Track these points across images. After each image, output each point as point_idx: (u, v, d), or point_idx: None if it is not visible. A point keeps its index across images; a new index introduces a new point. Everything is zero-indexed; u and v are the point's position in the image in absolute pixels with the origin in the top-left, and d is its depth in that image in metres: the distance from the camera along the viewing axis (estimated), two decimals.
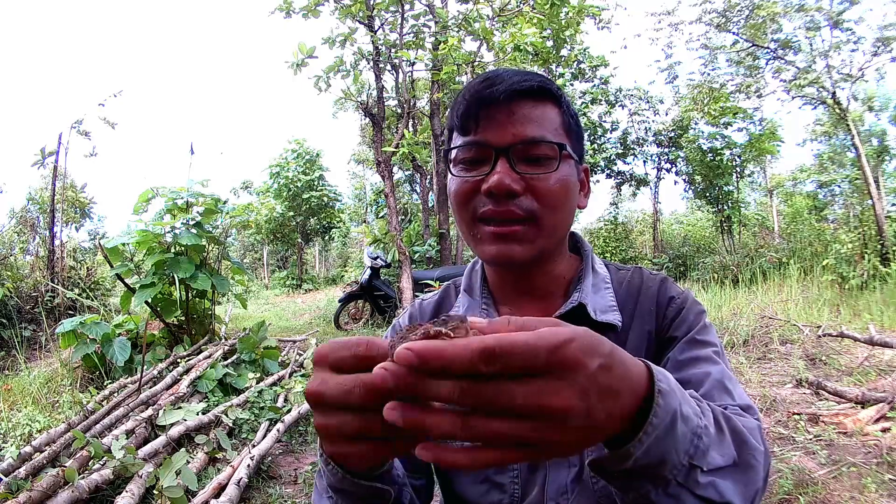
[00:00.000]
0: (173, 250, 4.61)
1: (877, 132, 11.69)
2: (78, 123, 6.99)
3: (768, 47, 9.39)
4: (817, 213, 11.96)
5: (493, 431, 0.33)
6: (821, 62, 8.94)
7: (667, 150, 12.68)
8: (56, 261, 6.26)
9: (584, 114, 12.25)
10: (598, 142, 12.70)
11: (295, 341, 5.64)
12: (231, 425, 3.15)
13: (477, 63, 6.95)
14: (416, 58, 7.13)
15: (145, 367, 3.72)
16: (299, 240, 16.10)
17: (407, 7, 6.76)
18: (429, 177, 9.36)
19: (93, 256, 8.29)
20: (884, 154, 11.54)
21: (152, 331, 4.69)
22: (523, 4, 7.21)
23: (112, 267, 4.65)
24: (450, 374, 0.32)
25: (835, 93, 8.77)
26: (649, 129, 12.77)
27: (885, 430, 2.75)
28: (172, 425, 2.80)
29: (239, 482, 2.36)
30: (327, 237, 17.85)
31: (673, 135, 12.45)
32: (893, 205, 10.89)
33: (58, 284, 5.95)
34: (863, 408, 3.02)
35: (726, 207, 12.01)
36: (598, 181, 12.74)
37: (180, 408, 3.05)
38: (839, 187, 12.65)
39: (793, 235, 10.10)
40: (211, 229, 4.96)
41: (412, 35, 6.95)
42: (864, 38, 8.66)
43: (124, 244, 4.78)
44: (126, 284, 4.73)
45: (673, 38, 10.38)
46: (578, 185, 0.75)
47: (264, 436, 3.00)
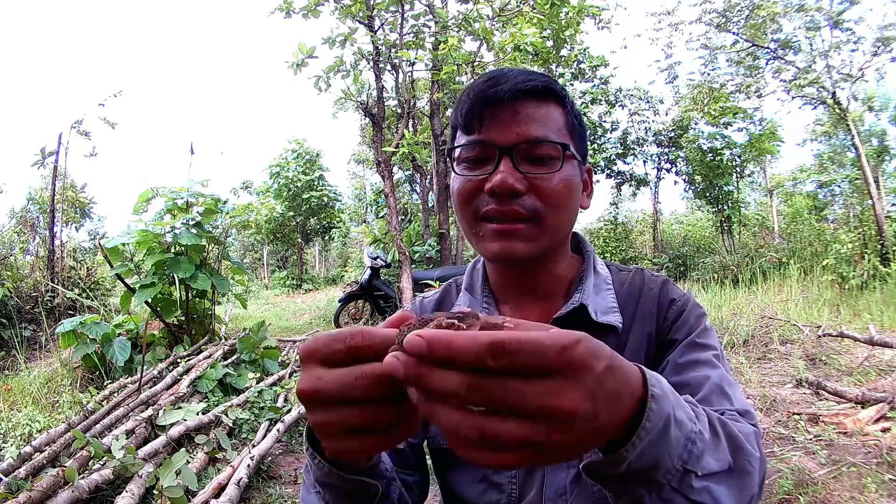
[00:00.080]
0: (173, 250, 4.61)
1: (877, 132, 11.69)
2: (78, 123, 6.99)
3: (768, 47, 9.39)
4: (817, 213, 11.95)
5: (497, 431, 0.32)
6: (821, 62, 8.95)
7: (667, 150, 12.68)
8: (56, 261, 6.26)
9: (585, 114, 12.21)
10: (598, 142, 12.69)
11: (295, 341, 5.64)
12: (231, 425, 3.14)
13: (477, 63, 6.95)
14: (416, 58, 7.13)
15: (145, 367, 3.72)
16: (299, 240, 16.09)
17: (407, 7, 6.76)
18: (429, 177, 9.35)
19: (93, 256, 8.28)
20: (884, 154, 11.54)
21: (152, 331, 4.69)
22: (523, 4, 7.21)
23: (112, 267, 4.65)
24: (457, 365, 0.32)
25: (835, 93, 8.77)
26: (649, 129, 12.77)
27: (885, 430, 2.75)
28: (172, 425, 2.80)
29: (239, 482, 2.36)
30: (327, 237, 17.85)
31: (673, 135, 12.44)
32: (893, 205, 10.88)
33: (58, 284, 5.95)
34: (863, 408, 3.02)
35: (726, 207, 12.01)
36: (598, 181, 12.73)
37: (180, 408, 3.05)
38: (839, 187, 12.64)
39: (793, 235, 10.09)
40: (211, 229, 4.96)
41: (412, 35, 6.95)
42: (864, 38, 8.67)
43: (124, 244, 4.78)
44: (126, 284, 4.73)
45: (673, 38, 10.39)
46: (581, 186, 0.74)
47: (264, 436, 3.00)
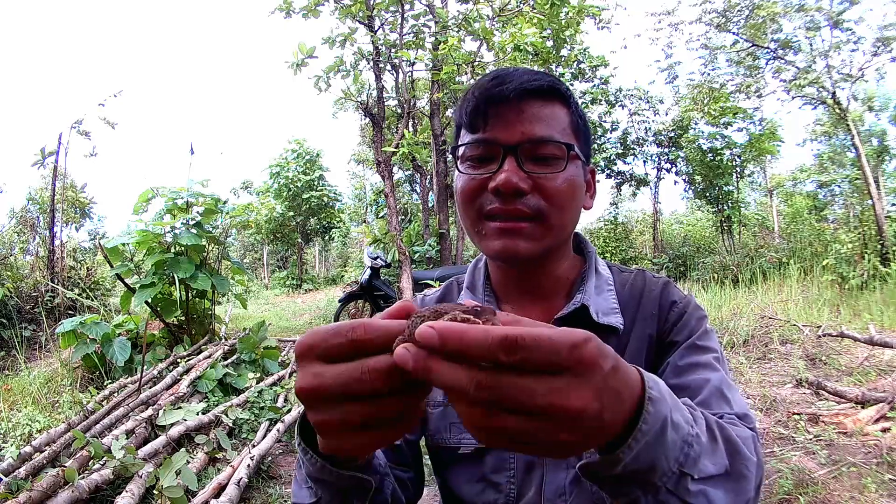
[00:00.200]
0: (173, 250, 4.61)
1: (877, 132, 11.68)
2: (78, 123, 6.99)
3: (768, 47, 9.38)
4: (817, 213, 11.95)
5: (504, 424, 0.33)
6: (821, 62, 8.94)
7: (667, 150, 12.67)
8: (56, 261, 6.25)
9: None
10: (598, 142, 12.69)
11: (295, 341, 5.64)
12: (231, 425, 3.14)
13: (477, 63, 6.95)
14: (416, 58, 7.13)
15: (145, 367, 3.72)
16: (299, 240, 16.09)
17: (407, 7, 6.76)
18: (429, 177, 9.35)
19: (93, 256, 8.27)
20: (884, 154, 11.53)
21: (152, 331, 4.69)
22: (523, 4, 7.21)
23: (112, 267, 4.65)
24: (469, 359, 0.32)
25: (835, 93, 8.77)
26: (649, 129, 12.77)
27: (885, 430, 2.75)
28: (172, 425, 2.80)
29: (239, 482, 2.35)
30: (327, 237, 17.84)
31: (673, 135, 12.44)
32: (893, 205, 10.88)
33: (58, 284, 5.94)
34: (863, 408, 3.02)
35: (726, 207, 12.01)
36: (598, 181, 12.68)
37: (180, 408, 3.05)
38: (839, 187, 12.64)
39: (793, 235, 10.09)
40: (211, 229, 4.96)
41: (412, 35, 6.95)
42: (864, 38, 8.67)
43: (124, 244, 4.78)
44: (126, 284, 4.73)
45: (673, 38, 10.39)
46: (585, 186, 0.74)
47: (264, 436, 3.00)
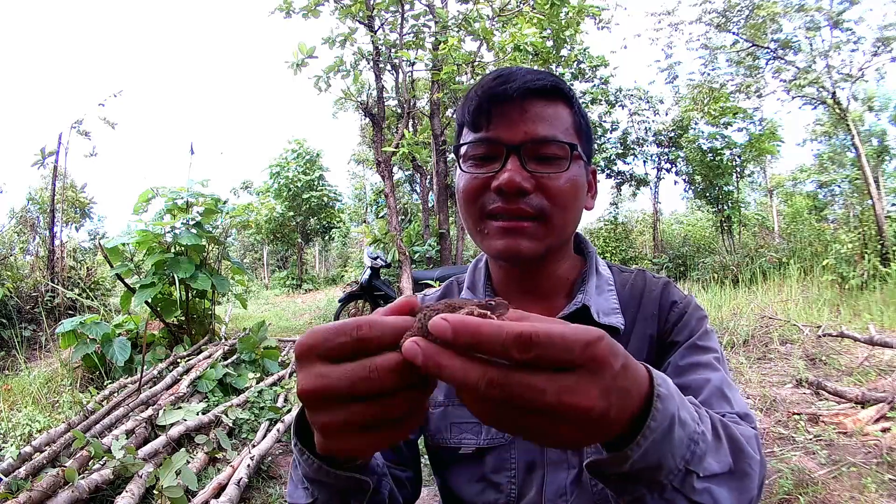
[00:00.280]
0: (173, 250, 4.61)
1: (877, 132, 11.68)
2: (78, 123, 6.99)
3: (768, 47, 9.38)
4: (817, 213, 11.95)
5: (511, 417, 0.33)
6: (821, 62, 8.94)
7: (667, 150, 12.67)
8: (56, 261, 6.25)
9: None
10: (598, 142, 12.70)
11: (295, 341, 5.63)
12: (231, 425, 3.15)
13: (477, 63, 6.95)
14: (416, 58, 7.13)
15: (145, 367, 3.72)
16: (299, 240, 16.09)
17: (407, 7, 6.76)
18: (429, 177, 9.35)
19: (93, 256, 8.27)
20: (884, 154, 11.53)
21: (152, 331, 4.69)
22: (523, 4, 7.21)
23: (112, 267, 4.65)
24: (481, 354, 0.31)
25: (835, 93, 8.77)
26: (649, 129, 12.76)
27: (885, 430, 2.75)
28: (172, 425, 2.80)
29: (239, 482, 2.36)
30: (327, 237, 17.84)
31: (673, 135, 12.44)
32: (893, 205, 10.88)
33: (58, 284, 5.94)
34: (863, 408, 3.02)
35: (726, 207, 12.00)
36: (598, 181, 12.70)
37: (180, 408, 3.05)
38: (839, 187, 12.64)
39: (793, 235, 10.09)
40: (211, 229, 4.96)
41: (412, 35, 6.95)
42: (864, 38, 8.67)
43: (124, 244, 4.78)
44: (126, 284, 4.73)
45: (673, 38, 10.39)
46: (586, 186, 0.75)
47: (264, 436, 3.00)
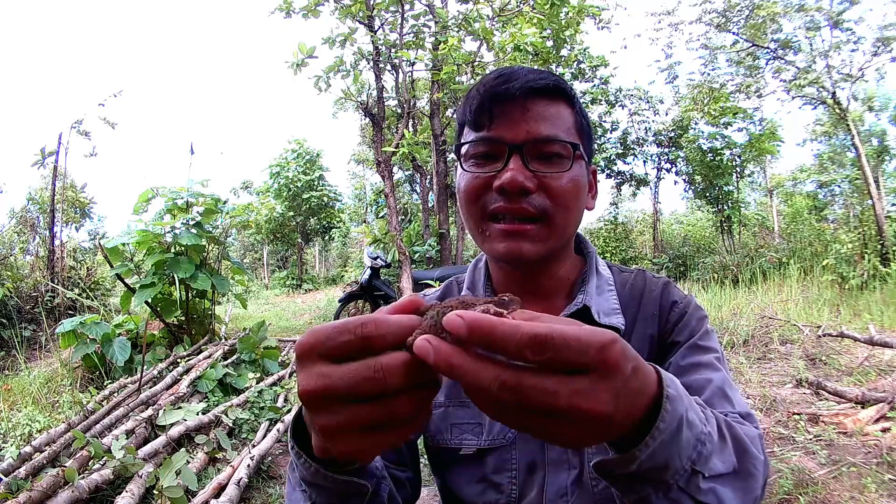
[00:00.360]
0: (173, 250, 4.61)
1: (877, 132, 11.68)
2: (78, 123, 6.99)
3: (768, 47, 9.38)
4: (817, 213, 11.95)
5: (518, 422, 0.32)
6: (821, 62, 8.94)
7: (667, 150, 12.67)
8: (56, 261, 6.25)
9: None
10: (598, 142, 12.70)
11: (295, 341, 5.64)
12: (231, 425, 3.14)
13: (477, 63, 6.95)
14: (416, 58, 7.14)
15: (145, 367, 3.72)
16: (299, 240, 16.09)
17: (407, 7, 6.76)
18: (429, 177, 9.35)
19: (93, 256, 8.27)
20: (884, 154, 11.53)
21: (152, 331, 4.69)
22: (523, 4, 7.21)
23: (112, 267, 4.65)
24: (493, 352, 0.31)
25: (835, 93, 8.77)
26: (649, 129, 12.77)
27: (885, 430, 2.75)
28: (172, 425, 2.80)
29: (239, 482, 2.36)
30: (327, 237, 17.85)
31: (673, 135, 12.44)
32: (893, 205, 10.88)
33: (58, 284, 5.94)
34: (863, 408, 3.02)
35: (726, 207, 12.01)
36: (598, 181, 12.72)
37: (180, 408, 3.05)
38: (839, 187, 12.64)
39: (793, 235, 10.10)
40: (211, 229, 4.96)
41: (412, 35, 6.96)
42: (864, 38, 8.67)
43: (124, 244, 4.78)
44: (126, 284, 4.73)
45: (673, 38, 10.39)
46: (588, 186, 0.74)
47: (264, 436, 3.00)
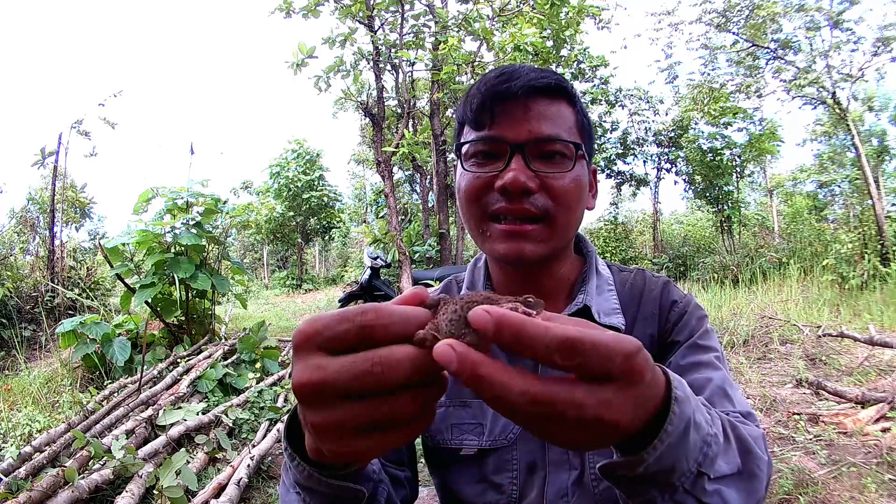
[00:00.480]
0: (173, 250, 4.61)
1: (877, 132, 11.68)
2: (78, 123, 6.99)
3: (768, 47, 9.39)
4: (817, 213, 11.96)
5: (538, 430, 0.32)
6: (821, 62, 8.95)
7: (667, 150, 12.68)
8: (56, 261, 6.25)
9: None
10: (598, 142, 12.70)
11: None
12: (231, 425, 3.14)
13: (477, 63, 6.95)
14: (416, 58, 7.14)
15: (145, 367, 3.72)
16: (299, 240, 16.10)
17: (407, 7, 6.76)
18: (429, 177, 9.36)
19: (93, 256, 8.27)
20: (884, 154, 11.53)
21: (152, 331, 4.69)
22: (523, 4, 7.21)
23: (112, 267, 4.65)
24: (518, 352, 0.30)
25: (835, 93, 8.77)
26: (649, 129, 12.78)
27: (885, 430, 2.75)
28: (172, 425, 2.80)
29: (239, 482, 2.36)
30: (327, 237, 17.86)
31: (673, 135, 12.45)
32: (893, 205, 10.87)
33: (58, 284, 5.94)
34: (863, 408, 3.02)
35: (726, 207, 12.01)
36: (598, 181, 12.74)
37: (180, 408, 3.05)
38: (839, 187, 12.64)
39: (793, 235, 10.10)
40: (211, 229, 4.96)
41: (412, 35, 6.96)
42: (864, 38, 8.68)
43: (124, 244, 4.78)
44: (126, 284, 4.73)
45: (673, 38, 10.40)
46: (589, 186, 0.74)
47: (264, 436, 3.00)
